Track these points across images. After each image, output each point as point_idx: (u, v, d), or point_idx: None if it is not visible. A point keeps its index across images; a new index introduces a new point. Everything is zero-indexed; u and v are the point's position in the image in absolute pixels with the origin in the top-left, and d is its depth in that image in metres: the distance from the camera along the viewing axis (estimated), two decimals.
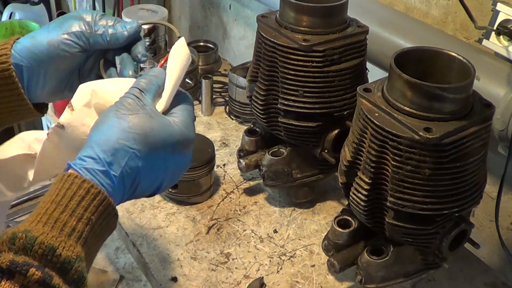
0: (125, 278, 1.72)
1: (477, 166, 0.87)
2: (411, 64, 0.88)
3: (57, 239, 0.57)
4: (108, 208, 0.62)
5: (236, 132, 1.52)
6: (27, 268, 0.54)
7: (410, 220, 0.89)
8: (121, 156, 0.63)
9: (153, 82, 0.69)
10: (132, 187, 0.66)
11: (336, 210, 1.26)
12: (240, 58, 1.92)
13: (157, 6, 1.78)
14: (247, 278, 1.09)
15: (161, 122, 0.66)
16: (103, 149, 0.63)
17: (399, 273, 0.98)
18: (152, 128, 0.65)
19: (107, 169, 0.62)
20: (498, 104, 0.97)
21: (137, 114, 0.65)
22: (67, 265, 0.57)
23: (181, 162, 0.70)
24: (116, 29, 0.77)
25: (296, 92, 1.08)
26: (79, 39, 0.76)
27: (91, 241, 0.61)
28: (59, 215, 0.59)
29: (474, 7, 1.10)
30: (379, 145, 0.85)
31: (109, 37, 0.77)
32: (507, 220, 1.22)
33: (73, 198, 0.60)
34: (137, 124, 0.64)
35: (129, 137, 0.64)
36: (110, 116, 0.65)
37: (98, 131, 0.65)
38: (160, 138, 0.65)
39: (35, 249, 0.56)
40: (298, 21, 1.07)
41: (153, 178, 0.68)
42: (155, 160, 0.66)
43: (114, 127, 0.64)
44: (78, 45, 0.77)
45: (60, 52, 0.76)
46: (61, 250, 0.57)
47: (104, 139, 0.63)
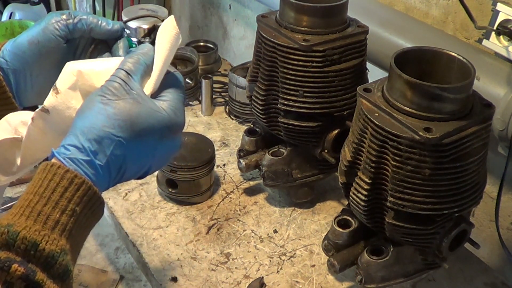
0: (125, 278, 1.73)
1: (477, 166, 0.87)
2: (411, 64, 0.88)
3: (40, 233, 0.56)
4: (93, 197, 0.61)
5: (236, 132, 1.52)
6: (9, 264, 0.54)
7: (410, 220, 0.89)
8: (106, 145, 0.61)
9: (141, 61, 0.67)
10: (118, 175, 0.64)
11: (336, 210, 1.26)
12: (240, 58, 1.92)
13: (157, 6, 1.78)
14: (247, 278, 1.09)
15: (149, 108, 0.64)
16: (87, 137, 0.61)
17: (399, 273, 0.98)
18: (139, 114, 0.63)
19: (92, 158, 0.61)
20: (498, 104, 0.97)
21: (123, 100, 0.63)
22: (51, 260, 0.56)
23: (170, 147, 0.68)
24: (98, 20, 0.77)
25: (296, 92, 1.08)
26: (58, 30, 0.76)
27: (76, 233, 0.60)
28: (42, 208, 0.58)
29: (474, 7, 1.10)
30: (379, 145, 0.85)
31: (90, 23, 0.76)
32: (507, 220, 1.22)
33: (56, 190, 0.58)
34: (123, 111, 0.62)
35: (115, 125, 0.62)
36: (95, 101, 0.63)
37: (82, 117, 0.63)
38: (147, 125, 0.63)
39: (18, 245, 0.55)
40: (298, 21, 1.07)
41: (140, 164, 0.66)
42: (142, 148, 0.64)
43: (99, 114, 0.62)
44: (59, 36, 0.76)
45: (41, 48, 0.76)
46: (44, 244, 0.56)
47: (89, 126, 0.61)
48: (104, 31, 0.78)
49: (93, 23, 0.77)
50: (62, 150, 0.61)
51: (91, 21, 0.77)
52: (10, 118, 0.73)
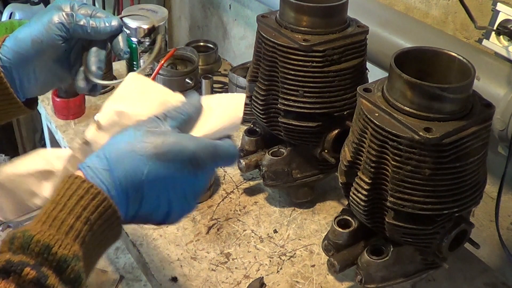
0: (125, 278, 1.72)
1: (477, 166, 0.87)
2: (411, 64, 0.88)
3: (54, 237, 0.57)
4: (109, 210, 0.61)
5: (236, 132, 1.51)
6: (22, 268, 0.54)
7: (410, 220, 0.89)
8: (127, 161, 0.62)
9: (184, 111, 0.67)
10: (136, 199, 0.63)
11: (336, 210, 1.26)
12: (240, 58, 1.92)
13: (157, 6, 1.78)
14: (247, 278, 1.09)
15: (177, 137, 0.64)
16: (110, 150, 0.62)
17: (399, 273, 0.98)
18: (165, 139, 0.63)
19: (110, 168, 0.61)
20: (498, 104, 0.97)
21: (154, 130, 0.64)
22: (63, 264, 0.56)
23: (192, 182, 0.67)
24: (97, 22, 0.78)
25: (296, 92, 1.08)
26: (60, 30, 0.77)
27: (90, 242, 0.60)
28: (57, 214, 0.59)
29: (474, 7, 1.10)
30: (379, 145, 0.85)
31: (89, 29, 0.78)
32: (507, 220, 1.22)
33: (72, 197, 0.59)
34: (150, 135, 0.63)
35: (140, 146, 0.62)
36: (128, 128, 0.65)
37: (112, 138, 0.65)
38: (169, 149, 0.63)
39: (32, 248, 0.56)
40: (298, 21, 1.07)
41: (160, 195, 0.65)
42: (161, 174, 0.63)
43: (127, 135, 0.64)
44: (60, 37, 0.77)
45: (44, 47, 0.77)
46: (57, 248, 0.56)
47: (115, 143, 0.63)
48: (103, 33, 0.79)
49: (92, 26, 0.78)
50: (86, 160, 0.63)
51: (91, 25, 0.78)
52: (42, 152, 0.75)
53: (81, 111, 1.58)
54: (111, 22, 0.79)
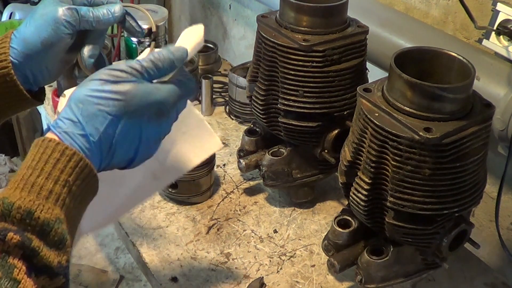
0: (125, 278, 1.73)
1: (477, 166, 0.87)
2: (411, 64, 0.88)
3: (34, 202, 0.58)
4: (85, 169, 0.62)
5: (236, 132, 1.52)
6: (5, 233, 0.55)
7: (410, 220, 0.89)
8: (100, 122, 0.64)
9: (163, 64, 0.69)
10: (109, 154, 0.66)
11: (336, 210, 1.26)
12: (240, 58, 1.92)
13: (157, 6, 1.78)
14: (247, 278, 1.09)
15: (146, 89, 0.66)
16: (82, 113, 0.63)
17: (399, 273, 0.98)
18: (135, 95, 0.65)
19: (86, 133, 0.63)
20: (498, 104, 0.97)
21: (123, 81, 0.65)
22: (46, 227, 0.57)
23: (157, 130, 0.70)
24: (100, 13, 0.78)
25: (296, 92, 1.08)
26: (68, 29, 0.77)
27: (71, 204, 0.61)
28: (35, 179, 0.59)
29: (474, 7, 1.10)
30: (379, 145, 0.85)
31: (94, 23, 0.78)
32: (507, 220, 1.22)
33: (48, 161, 0.60)
34: (120, 89, 0.65)
35: (109, 103, 0.64)
36: (96, 76, 0.65)
37: (79, 89, 0.65)
38: (140, 104, 0.65)
39: (13, 214, 0.56)
40: (298, 21, 1.07)
41: (128, 146, 0.67)
42: (131, 127, 0.66)
43: (96, 90, 0.64)
44: (69, 34, 0.78)
45: (54, 48, 0.78)
46: (39, 213, 0.57)
47: (86, 101, 0.64)
48: (107, 24, 0.80)
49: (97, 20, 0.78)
50: (59, 124, 0.63)
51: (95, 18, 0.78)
52: None
53: None
54: (114, 10, 0.80)
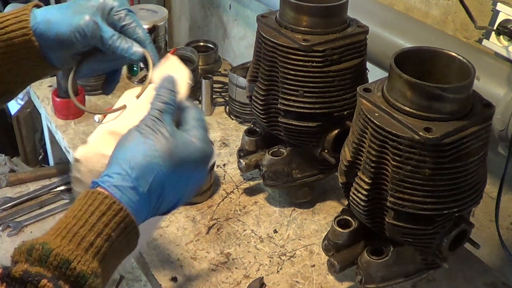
0: (125, 278, 1.73)
1: (477, 166, 0.87)
2: (411, 64, 0.88)
3: (73, 252, 0.57)
4: (130, 225, 0.61)
5: (236, 132, 1.52)
6: (39, 279, 0.54)
7: (410, 220, 0.89)
8: (149, 173, 0.63)
9: (170, 101, 0.69)
10: (157, 203, 0.65)
11: (336, 210, 1.26)
12: (240, 58, 1.92)
13: (157, 6, 1.78)
14: (247, 278, 1.09)
15: (184, 140, 0.67)
16: (130, 165, 0.63)
17: (399, 273, 0.98)
18: (176, 145, 0.65)
19: (135, 185, 0.62)
20: (498, 104, 0.97)
21: (161, 134, 0.65)
22: (81, 280, 0.56)
23: (200, 177, 0.71)
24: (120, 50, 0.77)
25: (296, 92, 1.08)
26: (82, 37, 0.76)
27: (110, 258, 0.61)
28: (78, 229, 0.59)
29: (474, 7, 1.10)
30: (379, 145, 0.85)
31: (109, 52, 0.77)
32: (507, 220, 1.22)
33: (94, 213, 0.60)
34: (162, 142, 0.65)
35: (156, 155, 0.64)
36: (135, 135, 0.65)
37: (123, 148, 0.65)
38: (184, 155, 0.66)
39: (50, 261, 0.56)
40: (298, 21, 1.07)
41: (176, 194, 0.68)
42: (179, 177, 0.66)
43: (139, 145, 0.64)
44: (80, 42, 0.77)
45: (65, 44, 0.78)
46: (76, 263, 0.56)
47: (131, 156, 0.64)
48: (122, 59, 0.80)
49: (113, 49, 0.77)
50: (106, 179, 0.63)
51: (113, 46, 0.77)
52: None
53: (81, 111, 1.58)
54: (133, 51, 0.78)
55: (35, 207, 1.76)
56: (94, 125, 1.54)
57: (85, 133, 1.50)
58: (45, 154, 2.07)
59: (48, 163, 2.00)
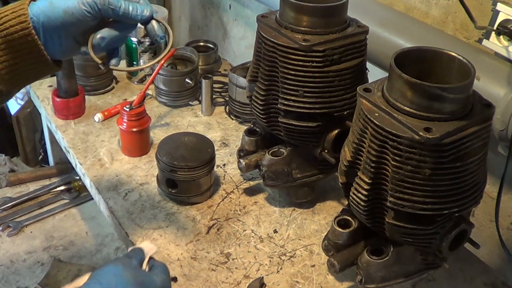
0: None
1: (477, 166, 0.87)
2: (411, 64, 0.88)
3: None
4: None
5: (236, 132, 1.52)
6: None
7: (410, 220, 0.89)
8: None
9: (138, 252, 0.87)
10: None
11: (336, 210, 1.26)
12: (240, 58, 1.92)
13: (157, 6, 1.79)
14: (247, 278, 1.09)
15: (146, 273, 0.84)
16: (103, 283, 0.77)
17: (399, 273, 0.98)
18: (140, 273, 0.82)
19: None
20: (498, 104, 0.97)
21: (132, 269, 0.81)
22: None
23: None
24: (129, 8, 0.81)
25: (296, 92, 1.08)
26: (92, 9, 0.80)
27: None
28: None
29: (474, 7, 1.10)
30: (379, 145, 0.85)
31: (121, 13, 0.80)
32: (507, 220, 1.22)
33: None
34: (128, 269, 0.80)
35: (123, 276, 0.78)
36: (115, 262, 0.81)
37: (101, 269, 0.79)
38: (145, 281, 0.81)
39: None
40: (298, 21, 1.07)
41: None
42: None
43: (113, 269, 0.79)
44: (90, 14, 0.80)
45: (73, 20, 0.80)
46: None
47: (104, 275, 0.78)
48: (133, 20, 0.82)
49: (124, 12, 0.81)
50: None
51: (123, 9, 0.81)
52: None
53: (81, 111, 1.58)
54: (143, 11, 0.82)
55: (35, 207, 1.76)
56: (94, 125, 1.54)
57: (85, 133, 1.50)
58: (45, 154, 2.07)
59: (48, 163, 2.00)
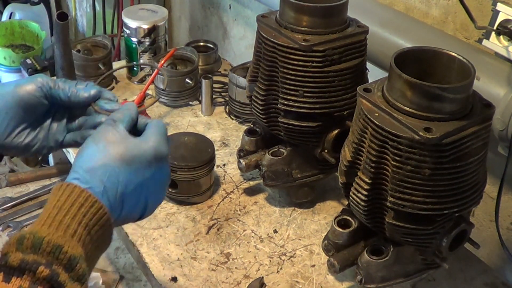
0: (125, 278, 1.72)
1: (477, 166, 0.87)
2: (411, 64, 0.88)
3: (62, 238, 0.61)
4: (104, 217, 0.66)
5: (236, 132, 1.52)
6: (36, 266, 0.58)
7: (410, 220, 0.89)
8: (102, 173, 0.68)
9: (126, 114, 0.75)
10: (117, 203, 0.69)
11: (336, 210, 1.26)
12: (240, 58, 1.92)
13: (157, 6, 1.78)
14: (247, 278, 1.09)
15: (135, 141, 0.72)
16: (84, 169, 0.68)
17: (399, 273, 0.98)
18: (126, 146, 0.71)
19: (90, 185, 0.67)
20: (498, 104, 0.97)
21: (111, 137, 0.71)
22: (72, 262, 0.61)
23: (159, 176, 0.74)
24: (78, 90, 0.82)
25: (296, 92, 1.08)
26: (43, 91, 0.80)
27: (89, 247, 0.65)
28: (62, 218, 0.63)
29: (474, 7, 1.10)
30: (379, 145, 0.85)
31: (70, 93, 0.81)
32: (507, 220, 1.22)
33: (74, 204, 0.64)
34: (113, 145, 0.70)
35: (107, 157, 0.69)
36: (88, 142, 0.71)
37: (78, 156, 0.71)
38: (135, 154, 0.71)
39: (43, 248, 0.60)
40: (298, 21, 1.07)
41: (136, 194, 0.71)
42: (134, 176, 0.70)
43: (92, 150, 0.70)
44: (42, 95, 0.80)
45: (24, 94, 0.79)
46: (67, 248, 0.61)
47: (84, 161, 0.69)
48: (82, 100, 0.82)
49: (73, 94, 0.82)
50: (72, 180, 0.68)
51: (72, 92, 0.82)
52: None
53: None
54: (90, 90, 0.82)
55: (35, 207, 1.76)
56: None
57: None
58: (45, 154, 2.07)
59: (48, 163, 2.00)
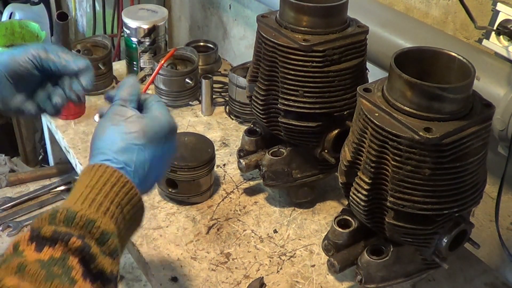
0: (125, 278, 1.72)
1: (477, 166, 0.87)
2: (411, 64, 0.88)
3: (95, 214, 0.65)
4: (135, 197, 0.70)
5: (236, 132, 1.52)
6: (69, 237, 0.60)
7: (410, 220, 0.89)
8: (131, 153, 0.72)
9: (133, 92, 0.79)
10: (144, 179, 0.73)
11: (336, 210, 1.26)
12: (240, 58, 1.92)
13: (157, 6, 1.78)
14: (247, 278, 1.09)
15: (151, 117, 0.76)
16: (113, 151, 0.71)
17: (399, 273, 0.98)
18: (146, 124, 0.74)
19: (124, 166, 0.71)
20: (498, 104, 0.97)
21: (129, 117, 0.74)
22: (105, 237, 0.64)
23: (171, 149, 0.79)
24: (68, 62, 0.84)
25: (296, 92, 1.08)
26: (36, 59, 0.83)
27: (121, 225, 0.68)
28: (95, 197, 0.66)
29: (474, 7, 1.10)
30: (379, 145, 0.86)
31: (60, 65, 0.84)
32: (507, 220, 1.22)
33: (106, 184, 0.68)
34: (133, 124, 0.74)
35: (131, 136, 0.72)
36: (106, 125, 0.74)
37: (101, 140, 0.73)
38: (155, 131, 0.75)
39: (76, 221, 0.63)
40: (298, 21, 1.07)
41: (156, 168, 0.75)
42: (155, 151, 0.74)
43: (114, 132, 0.73)
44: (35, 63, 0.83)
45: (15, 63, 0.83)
46: (99, 223, 0.64)
47: (110, 143, 0.72)
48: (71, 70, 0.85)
49: (60, 64, 0.84)
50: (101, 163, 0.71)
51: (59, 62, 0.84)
52: None
53: (81, 111, 1.58)
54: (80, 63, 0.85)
55: (35, 207, 1.75)
56: (94, 125, 1.54)
57: (85, 133, 1.50)
58: (45, 154, 2.07)
59: (48, 163, 2.00)
